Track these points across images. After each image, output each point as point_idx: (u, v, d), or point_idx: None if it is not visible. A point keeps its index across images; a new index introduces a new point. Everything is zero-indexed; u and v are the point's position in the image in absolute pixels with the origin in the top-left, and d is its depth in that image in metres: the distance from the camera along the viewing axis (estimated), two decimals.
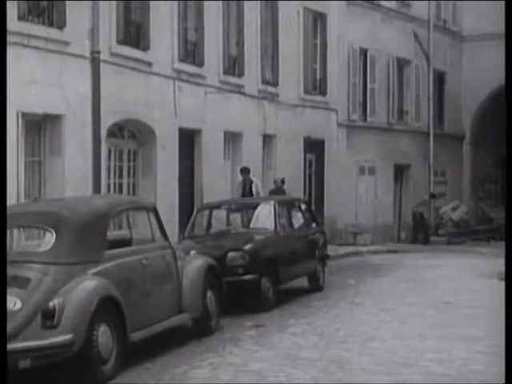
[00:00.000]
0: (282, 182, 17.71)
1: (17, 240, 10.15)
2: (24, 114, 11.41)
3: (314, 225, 14.24)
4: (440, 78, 27.67)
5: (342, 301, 12.28)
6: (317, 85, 21.81)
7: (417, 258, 19.54)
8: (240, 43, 18.10)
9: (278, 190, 17.38)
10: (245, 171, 16.70)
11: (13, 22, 11.14)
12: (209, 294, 9.67)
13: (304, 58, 21.00)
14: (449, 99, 28.04)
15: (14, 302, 7.27)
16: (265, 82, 19.19)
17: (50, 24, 12.15)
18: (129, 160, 14.83)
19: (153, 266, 8.82)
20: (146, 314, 8.47)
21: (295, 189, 19.60)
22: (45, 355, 7.23)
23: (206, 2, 16.54)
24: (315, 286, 13.46)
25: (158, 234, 9.30)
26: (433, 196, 25.96)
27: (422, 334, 9.48)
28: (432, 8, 26.51)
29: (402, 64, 25.34)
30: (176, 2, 15.58)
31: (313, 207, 16.42)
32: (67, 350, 7.28)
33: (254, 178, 16.66)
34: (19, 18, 11.35)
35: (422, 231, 25.11)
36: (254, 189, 16.36)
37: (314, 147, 21.65)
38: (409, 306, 11.63)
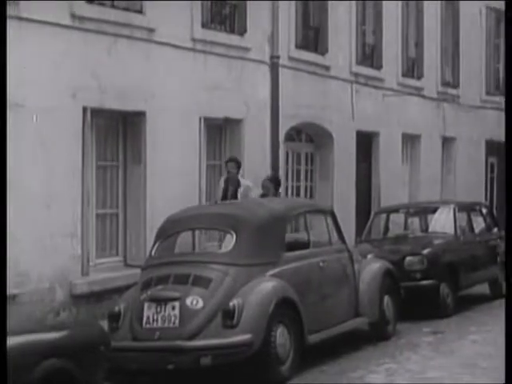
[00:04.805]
0: (273, 181, 11.82)
1: (198, 241, 10.51)
2: (206, 119, 11.76)
3: (495, 230, 13.79)
4: None
5: None
6: (500, 85, 21.11)
7: None
8: (419, 44, 17.82)
9: (265, 193, 11.62)
10: (231, 164, 11.24)
11: (197, 30, 11.53)
12: (386, 298, 9.57)
13: (486, 58, 20.39)
14: None
15: (196, 301, 7.50)
16: (445, 83, 18.79)
17: (232, 31, 12.47)
18: (306, 163, 14.95)
19: (330, 268, 8.84)
20: (322, 317, 8.50)
21: (476, 192, 19.06)
22: (225, 354, 7.41)
23: (384, 4, 16.41)
24: (497, 293, 13.01)
25: (335, 237, 9.32)
26: None
27: None
28: None
29: None
30: (354, 5, 15.56)
31: (495, 212, 15.90)
32: (246, 349, 7.42)
33: (243, 180, 11.29)
34: (203, 26, 11.72)
35: None
36: (239, 195, 10.99)
37: (497, 150, 20.95)
38: None
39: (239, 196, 10.97)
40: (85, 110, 9.68)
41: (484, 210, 13.80)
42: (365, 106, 15.80)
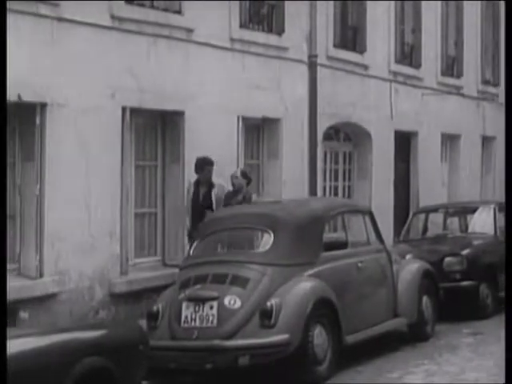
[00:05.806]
0: (244, 177, 10.36)
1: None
2: (244, 118, 11.78)
3: None
4: None
5: None
6: None
7: None
8: (459, 43, 17.68)
9: (237, 191, 10.26)
10: (200, 166, 10.16)
11: (236, 30, 11.56)
12: (424, 299, 9.52)
13: None
14: None
15: (234, 301, 7.52)
16: (485, 82, 18.61)
17: (270, 30, 12.48)
18: (344, 163, 14.90)
19: (368, 269, 8.82)
20: (360, 317, 8.47)
21: None
22: (262, 354, 7.42)
23: (423, 4, 16.31)
24: None
25: (373, 237, 9.29)
26: None
27: None
28: None
29: None
30: (393, 4, 15.47)
31: None
32: (284, 349, 7.43)
33: (215, 180, 10.33)
34: (241, 26, 11.74)
35: None
36: (213, 197, 10.11)
37: None
38: None
39: (213, 196, 10.12)
40: (124, 109, 9.75)
41: None
42: (403, 105, 15.71)
